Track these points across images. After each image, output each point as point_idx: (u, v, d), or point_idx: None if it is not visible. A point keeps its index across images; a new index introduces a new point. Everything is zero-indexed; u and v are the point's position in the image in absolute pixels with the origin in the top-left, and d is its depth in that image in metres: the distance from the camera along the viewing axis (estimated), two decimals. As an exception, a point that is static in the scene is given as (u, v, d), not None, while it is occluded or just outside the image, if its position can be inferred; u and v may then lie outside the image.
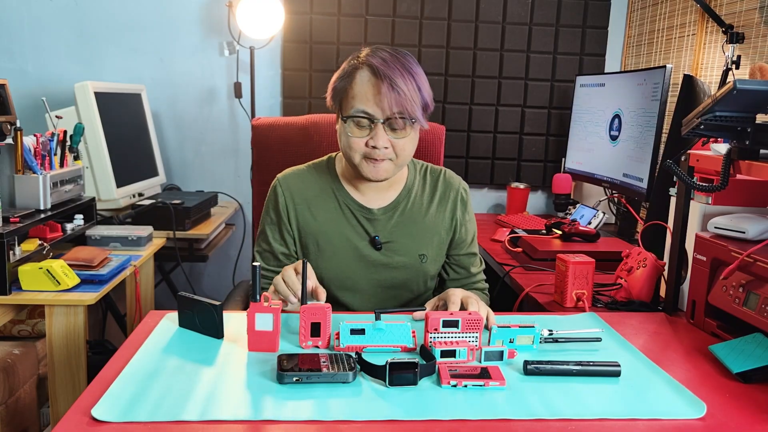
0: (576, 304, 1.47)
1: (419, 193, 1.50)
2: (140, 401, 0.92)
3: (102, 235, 2.09)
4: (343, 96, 1.38)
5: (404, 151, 1.38)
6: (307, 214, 1.46)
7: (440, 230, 1.50)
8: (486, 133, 2.86)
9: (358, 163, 1.38)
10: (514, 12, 2.77)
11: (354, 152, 1.37)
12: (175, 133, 2.86)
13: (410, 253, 1.46)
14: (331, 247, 1.44)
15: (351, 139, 1.36)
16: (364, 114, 1.34)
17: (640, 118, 2.17)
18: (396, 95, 1.31)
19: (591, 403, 0.95)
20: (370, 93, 1.33)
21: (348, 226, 1.45)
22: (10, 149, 1.83)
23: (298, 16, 2.73)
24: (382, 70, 1.32)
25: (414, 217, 1.48)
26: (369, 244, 1.45)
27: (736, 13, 2.06)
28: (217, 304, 1.16)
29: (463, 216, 1.52)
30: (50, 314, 1.70)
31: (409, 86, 1.33)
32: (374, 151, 1.35)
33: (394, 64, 1.34)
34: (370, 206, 1.46)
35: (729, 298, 1.19)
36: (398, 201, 1.48)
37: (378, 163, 1.37)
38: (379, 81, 1.32)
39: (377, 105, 1.33)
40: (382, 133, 1.34)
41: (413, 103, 1.33)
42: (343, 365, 1.01)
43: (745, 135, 1.17)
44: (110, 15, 2.74)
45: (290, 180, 1.48)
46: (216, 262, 2.96)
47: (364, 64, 1.35)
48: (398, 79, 1.32)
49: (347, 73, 1.37)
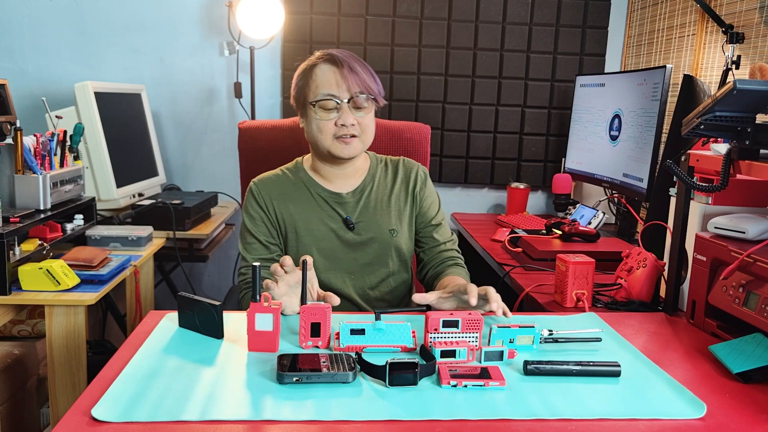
0: (576, 304, 1.47)
1: (382, 177, 1.64)
2: (140, 401, 0.92)
3: (102, 235, 2.09)
4: (307, 89, 1.52)
5: (368, 127, 1.54)
6: (283, 207, 1.57)
7: (405, 207, 1.63)
8: (486, 133, 2.86)
9: (329, 145, 1.51)
10: (514, 12, 2.77)
11: (324, 135, 1.51)
12: (175, 133, 2.86)
13: (381, 229, 1.59)
14: (309, 232, 1.56)
15: (320, 122, 1.50)
16: (329, 96, 1.49)
17: (640, 118, 2.17)
18: (355, 76, 1.49)
19: (591, 403, 0.96)
20: (332, 79, 1.49)
21: (322, 212, 1.58)
22: (10, 149, 1.83)
23: (298, 16, 2.73)
24: (339, 57, 1.51)
25: (380, 198, 1.61)
26: (343, 225, 1.57)
27: (736, 13, 2.06)
28: (217, 304, 1.16)
29: (422, 191, 1.65)
30: (50, 314, 1.70)
31: (364, 69, 1.52)
32: (343, 128, 1.49)
33: (348, 54, 1.54)
34: (340, 191, 1.59)
35: (729, 298, 1.19)
36: (364, 185, 1.61)
37: (347, 142, 1.51)
38: (339, 68, 1.50)
39: (339, 87, 1.49)
40: (348, 111, 1.49)
41: (371, 81, 1.52)
42: (343, 365, 1.01)
43: (745, 135, 1.17)
44: (110, 15, 2.74)
45: (264, 181, 1.60)
46: (216, 262, 2.96)
47: (321, 59, 1.53)
48: (355, 64, 1.51)
49: (307, 71, 1.54)
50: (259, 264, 1.09)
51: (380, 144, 1.94)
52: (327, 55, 1.52)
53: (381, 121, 1.99)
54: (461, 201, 2.96)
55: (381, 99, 1.55)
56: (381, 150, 1.86)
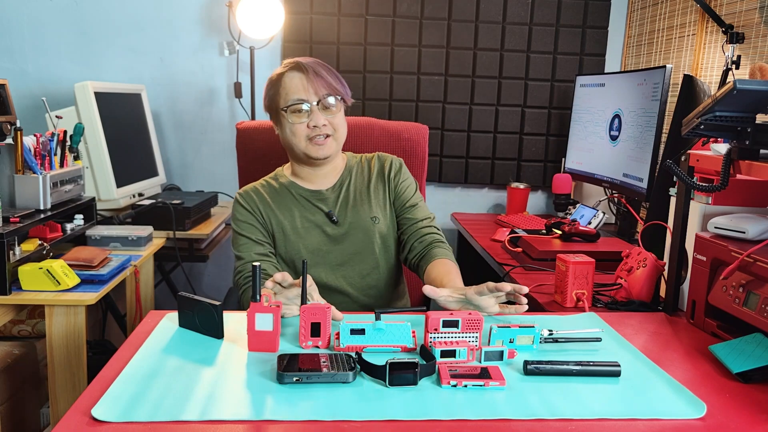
0: (576, 304, 1.47)
1: (359, 171, 1.70)
2: (140, 401, 0.92)
3: (102, 235, 2.09)
4: (278, 97, 1.59)
5: (340, 126, 1.60)
6: (269, 211, 1.63)
7: (383, 195, 1.68)
8: (486, 133, 2.86)
9: (304, 147, 1.58)
10: (514, 12, 2.77)
11: (298, 138, 1.57)
12: (175, 133, 2.86)
13: (362, 218, 1.64)
14: (295, 231, 1.62)
15: (293, 126, 1.57)
16: (299, 100, 1.55)
17: (640, 118, 2.17)
18: (321, 79, 1.56)
19: (591, 403, 0.95)
20: (300, 84, 1.56)
21: (305, 210, 1.63)
22: (10, 149, 1.83)
23: (298, 16, 2.73)
24: (304, 63, 1.58)
25: (359, 190, 1.67)
26: (326, 219, 1.63)
27: (736, 13, 2.06)
28: (217, 304, 1.16)
29: (398, 176, 1.70)
30: (50, 314, 1.70)
31: (329, 73, 1.59)
32: (315, 129, 1.56)
33: (312, 61, 1.60)
34: (320, 188, 1.65)
35: (729, 298, 1.19)
36: (342, 179, 1.67)
37: (320, 143, 1.57)
38: (304, 73, 1.56)
39: (307, 91, 1.56)
40: (318, 113, 1.56)
41: (336, 82, 1.59)
42: (343, 365, 1.01)
43: (745, 135, 1.17)
44: (110, 15, 2.74)
45: (248, 191, 1.66)
46: (216, 262, 2.96)
47: (287, 67, 1.59)
48: (320, 68, 1.58)
49: (275, 80, 1.60)
50: (259, 264, 1.09)
51: (378, 144, 1.94)
52: (292, 63, 1.59)
53: (379, 121, 1.99)
54: (461, 201, 2.96)
55: (348, 98, 1.62)
56: (380, 150, 1.86)
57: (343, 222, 1.63)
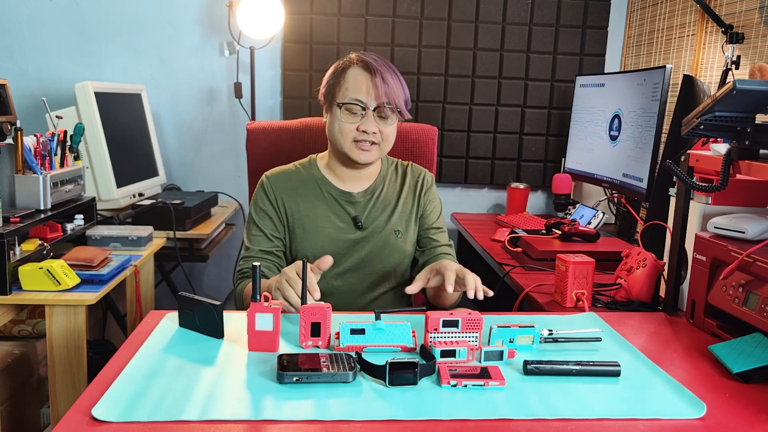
0: (576, 304, 1.47)
1: (392, 180, 1.67)
2: (140, 401, 0.92)
3: (102, 235, 2.09)
4: (337, 89, 1.54)
5: (389, 137, 1.56)
6: (293, 203, 1.60)
7: (410, 211, 1.66)
8: (486, 133, 2.86)
9: (348, 148, 1.54)
10: (514, 12, 2.77)
11: (345, 137, 1.53)
12: (175, 133, 2.86)
13: (387, 229, 1.61)
14: (317, 229, 1.58)
15: (343, 125, 1.53)
16: (357, 101, 1.51)
17: (639, 118, 2.17)
18: (386, 87, 1.51)
19: (591, 403, 0.96)
20: (363, 84, 1.51)
21: (330, 210, 1.60)
22: (11, 149, 1.83)
23: (298, 16, 2.73)
24: (374, 66, 1.52)
25: (389, 200, 1.64)
26: (351, 223, 1.60)
27: (736, 13, 2.07)
28: (217, 304, 1.16)
29: (427, 195, 1.68)
30: (50, 314, 1.70)
31: (396, 81, 1.55)
32: (363, 134, 1.52)
33: (383, 62, 1.55)
34: (351, 191, 1.62)
35: (729, 298, 1.19)
36: (375, 186, 1.64)
37: (365, 149, 1.54)
38: (371, 75, 1.52)
39: (369, 94, 1.51)
40: (371, 119, 1.52)
41: (399, 95, 1.54)
42: (343, 365, 1.01)
43: (745, 135, 1.17)
44: (110, 15, 2.74)
45: (276, 175, 1.63)
46: (216, 262, 2.96)
47: (357, 61, 1.55)
48: (387, 74, 1.53)
49: (340, 70, 1.56)
50: (259, 264, 1.09)
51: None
52: (362, 61, 1.54)
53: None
54: (461, 201, 2.96)
55: (406, 113, 1.58)
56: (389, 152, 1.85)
57: (367, 229, 1.60)
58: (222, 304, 1.16)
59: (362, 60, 1.54)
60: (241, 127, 2.84)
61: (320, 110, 2.96)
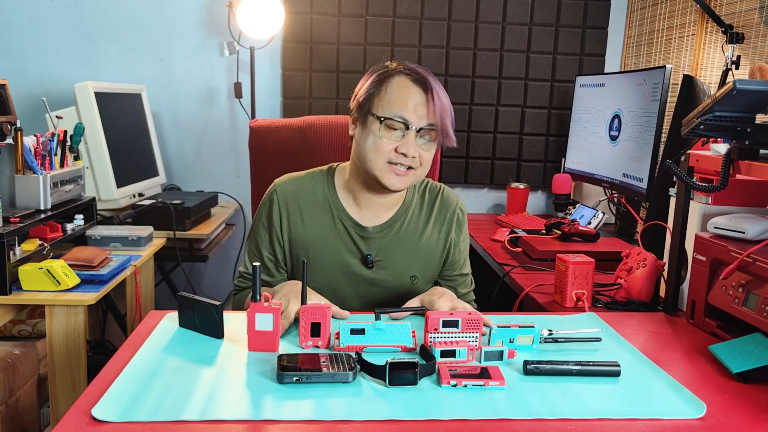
0: (576, 304, 1.47)
1: (416, 211, 1.47)
2: (140, 401, 0.92)
3: (102, 235, 2.09)
4: (375, 100, 1.34)
5: (428, 163, 1.37)
6: (300, 225, 1.42)
7: (434, 251, 1.47)
8: (486, 133, 2.86)
9: (379, 169, 1.33)
10: (514, 12, 2.77)
11: (378, 156, 1.32)
12: (175, 133, 2.86)
13: (401, 273, 1.44)
14: (321, 260, 1.41)
15: (379, 142, 1.32)
16: (401, 119, 1.31)
17: (639, 118, 2.17)
18: (438, 107, 1.32)
19: (591, 403, 0.96)
20: (410, 100, 1.32)
21: (340, 242, 1.42)
22: (11, 149, 1.83)
23: (298, 16, 2.73)
24: (429, 81, 1.33)
25: (409, 237, 1.45)
26: (360, 261, 1.42)
27: (736, 13, 2.07)
28: (217, 304, 1.16)
29: (458, 237, 1.49)
30: (50, 314, 1.70)
31: (447, 101, 1.35)
32: (401, 157, 1.32)
33: (434, 78, 1.34)
34: (365, 224, 1.42)
35: (729, 298, 1.19)
36: (395, 219, 1.44)
37: (399, 173, 1.33)
38: (423, 90, 1.32)
39: (416, 113, 1.32)
40: (413, 140, 1.32)
41: (449, 117, 1.35)
42: (343, 365, 1.01)
43: (745, 135, 1.17)
44: (110, 15, 2.74)
45: (287, 187, 1.44)
46: (216, 262, 2.96)
47: (401, 72, 1.34)
48: (440, 92, 1.33)
49: (384, 79, 1.35)
50: (259, 264, 1.09)
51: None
52: (414, 73, 1.34)
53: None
54: (461, 201, 2.96)
55: (453, 139, 1.38)
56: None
57: (378, 269, 1.42)
58: (222, 304, 1.16)
59: (413, 71, 1.34)
60: (241, 127, 2.84)
61: (320, 110, 2.96)
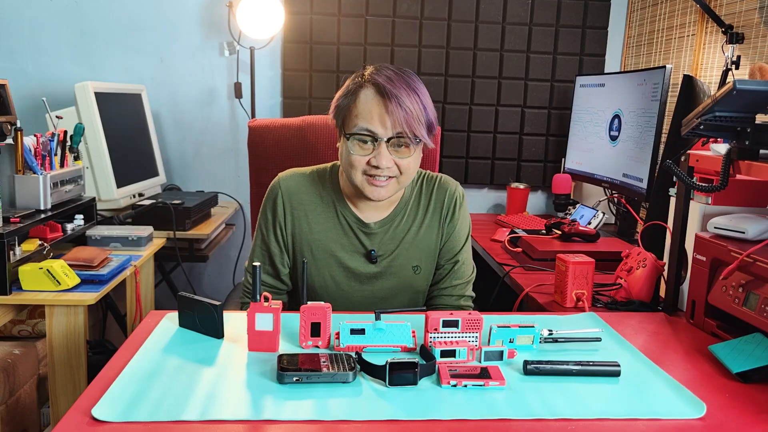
0: (576, 304, 1.47)
1: (415, 204, 1.48)
2: (140, 401, 0.92)
3: (102, 235, 2.09)
4: (347, 113, 1.35)
5: (408, 169, 1.36)
6: (303, 222, 1.44)
7: (432, 239, 1.48)
8: (486, 133, 2.86)
9: (360, 182, 1.35)
10: (514, 12, 2.77)
11: (355, 170, 1.34)
12: (175, 133, 2.86)
13: (404, 265, 1.46)
14: (325, 256, 1.43)
15: (353, 157, 1.33)
16: (367, 132, 1.31)
17: (639, 118, 2.17)
18: (403, 114, 1.29)
19: (591, 403, 0.96)
20: (375, 112, 1.30)
21: (344, 238, 1.44)
22: (11, 149, 1.83)
23: (298, 16, 2.73)
24: (388, 88, 1.30)
25: (409, 229, 1.47)
26: (364, 257, 1.44)
27: (736, 13, 2.07)
28: (217, 304, 1.16)
29: (452, 223, 1.49)
30: (50, 314, 1.70)
31: (414, 105, 1.31)
32: (376, 170, 1.33)
33: (399, 82, 1.31)
34: (368, 221, 1.44)
35: (729, 298, 1.19)
36: (395, 214, 1.46)
37: (379, 185, 1.34)
38: (384, 100, 1.30)
39: (382, 124, 1.31)
40: (385, 152, 1.32)
41: (419, 122, 1.31)
42: (343, 365, 1.01)
43: (745, 135, 1.17)
44: (110, 15, 2.74)
45: (291, 183, 1.45)
46: (216, 262, 2.96)
47: (369, 82, 1.33)
48: (404, 98, 1.30)
49: (351, 91, 1.35)
50: (259, 264, 1.09)
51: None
52: (374, 82, 1.32)
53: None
54: (461, 201, 2.96)
55: (429, 141, 1.35)
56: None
57: (381, 263, 1.44)
58: (222, 304, 1.16)
59: (374, 80, 1.32)
60: (241, 127, 2.84)
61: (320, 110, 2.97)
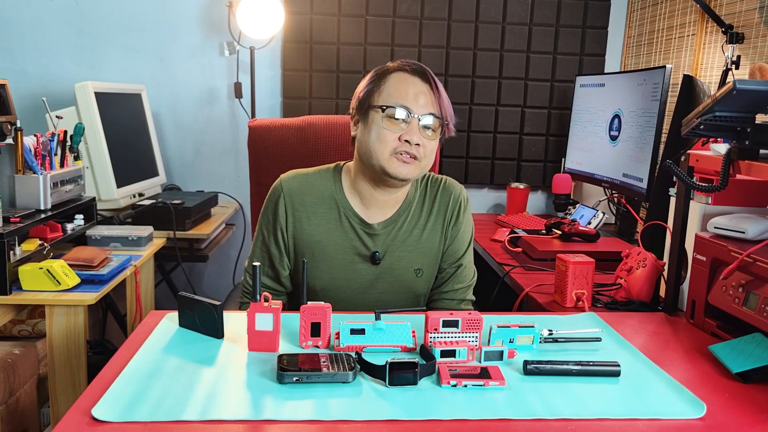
0: (576, 304, 1.47)
1: (419, 205, 1.48)
2: (140, 401, 0.92)
3: (102, 235, 2.09)
4: (377, 93, 1.38)
5: (430, 154, 1.40)
6: (305, 223, 1.43)
7: (435, 243, 1.48)
8: (486, 133, 2.86)
9: (385, 160, 1.35)
10: (514, 12, 2.77)
11: (383, 146, 1.34)
12: (175, 133, 2.86)
13: (407, 267, 1.45)
14: (327, 257, 1.42)
15: (383, 132, 1.34)
16: (404, 107, 1.35)
17: (639, 118, 2.17)
18: (438, 97, 1.37)
19: (591, 403, 0.96)
20: (410, 90, 1.36)
21: (346, 239, 1.43)
22: (11, 149, 1.83)
23: (298, 16, 2.73)
24: (428, 72, 1.38)
25: (412, 231, 1.46)
26: (367, 258, 1.44)
27: (736, 13, 2.07)
28: (217, 304, 1.16)
29: (455, 226, 1.49)
30: (50, 314, 1.70)
31: (444, 92, 1.40)
32: (405, 145, 1.34)
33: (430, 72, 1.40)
34: (371, 221, 1.44)
35: (729, 298, 1.19)
36: (399, 215, 1.46)
37: (407, 161, 1.35)
38: (420, 80, 1.37)
39: (416, 101, 1.36)
40: (416, 128, 1.36)
41: (449, 109, 1.40)
42: (343, 365, 1.01)
43: (745, 135, 1.17)
44: (110, 15, 2.74)
45: (293, 184, 1.44)
46: (216, 262, 2.96)
47: (399, 68, 1.39)
48: (439, 84, 1.39)
49: (381, 75, 1.40)
50: (259, 264, 1.09)
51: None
52: (413, 65, 1.39)
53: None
54: (461, 201, 2.96)
55: (452, 129, 1.43)
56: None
57: (384, 264, 1.44)
58: (222, 304, 1.16)
59: (413, 64, 1.39)
60: (242, 127, 2.84)
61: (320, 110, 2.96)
